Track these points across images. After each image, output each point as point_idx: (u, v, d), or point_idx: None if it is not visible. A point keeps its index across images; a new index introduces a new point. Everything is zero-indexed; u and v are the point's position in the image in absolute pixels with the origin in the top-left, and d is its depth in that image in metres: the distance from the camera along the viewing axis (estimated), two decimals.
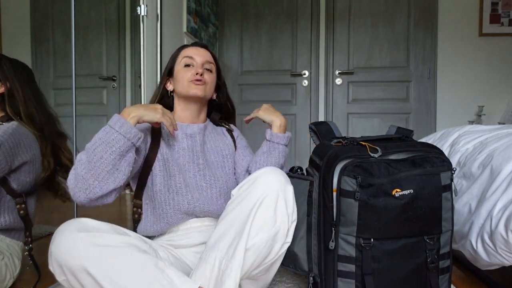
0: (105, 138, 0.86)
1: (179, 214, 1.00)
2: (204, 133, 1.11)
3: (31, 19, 1.79)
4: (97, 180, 0.84)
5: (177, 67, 1.10)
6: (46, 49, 1.84)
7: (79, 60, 1.45)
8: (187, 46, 1.14)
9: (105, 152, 0.85)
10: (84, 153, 0.86)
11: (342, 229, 0.89)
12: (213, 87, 1.13)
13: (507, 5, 2.92)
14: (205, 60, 1.10)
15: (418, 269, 0.90)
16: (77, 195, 0.85)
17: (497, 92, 2.94)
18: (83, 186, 0.84)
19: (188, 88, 1.06)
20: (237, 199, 0.85)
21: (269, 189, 0.82)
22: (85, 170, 0.84)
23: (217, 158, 1.10)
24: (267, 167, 0.88)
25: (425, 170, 0.88)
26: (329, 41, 3.07)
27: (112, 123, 0.87)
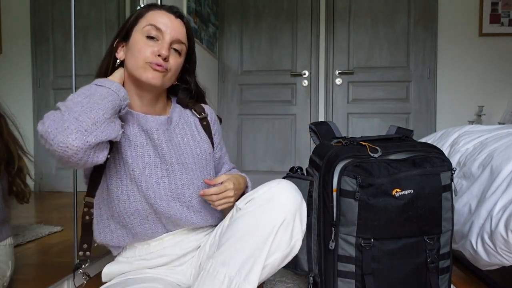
0: (96, 91, 0.71)
1: (146, 225, 0.85)
2: (167, 128, 0.88)
3: (31, 19, 1.79)
4: (95, 124, 0.67)
5: (136, 33, 0.83)
6: (46, 49, 1.84)
7: (79, 60, 1.45)
8: (158, 8, 0.86)
9: (102, 100, 0.70)
10: (70, 103, 0.69)
11: (342, 229, 0.89)
12: (177, 74, 0.88)
13: (507, 5, 2.92)
14: (176, 38, 0.83)
15: (418, 269, 0.90)
16: (72, 137, 0.64)
17: (497, 92, 2.94)
18: (80, 127, 0.65)
19: (142, 71, 0.80)
20: (251, 215, 0.77)
21: (288, 210, 0.76)
22: (80, 112, 0.66)
23: (187, 160, 0.88)
24: (281, 181, 0.80)
25: (425, 170, 0.88)
26: (329, 41, 3.07)
27: (99, 82, 0.74)
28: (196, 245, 0.92)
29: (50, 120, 0.67)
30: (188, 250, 0.90)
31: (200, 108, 0.96)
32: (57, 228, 1.58)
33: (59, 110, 0.69)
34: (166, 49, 0.81)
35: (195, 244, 0.91)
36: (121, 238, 0.87)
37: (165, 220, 0.87)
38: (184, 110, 0.95)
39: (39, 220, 1.67)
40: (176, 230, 0.90)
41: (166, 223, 0.87)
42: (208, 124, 0.96)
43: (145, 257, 0.89)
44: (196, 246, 0.92)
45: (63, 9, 1.51)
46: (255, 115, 3.11)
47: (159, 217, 0.86)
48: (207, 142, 0.94)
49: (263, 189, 0.80)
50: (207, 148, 0.94)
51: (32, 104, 1.77)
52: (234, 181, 0.87)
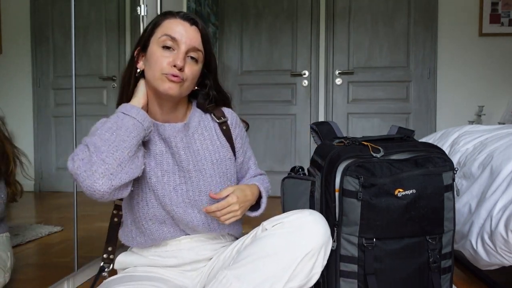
0: (122, 124, 0.75)
1: (165, 228, 0.86)
2: (185, 134, 0.88)
3: (31, 19, 1.78)
4: (120, 165, 0.72)
5: (153, 44, 0.84)
6: (46, 49, 1.83)
7: (79, 60, 1.44)
8: (173, 16, 0.85)
9: (127, 136, 0.74)
10: (98, 139, 0.73)
11: (344, 229, 0.89)
12: (195, 81, 0.88)
13: (507, 5, 2.92)
14: (192, 46, 0.83)
15: (420, 269, 0.90)
16: (99, 182, 0.70)
17: (497, 92, 2.94)
18: (106, 171, 0.70)
19: (160, 82, 0.82)
20: (277, 238, 0.76)
21: (316, 243, 0.76)
22: (106, 153, 0.71)
23: (204, 166, 0.88)
24: (313, 213, 0.80)
25: (427, 170, 0.88)
26: (329, 41, 3.07)
27: (126, 110, 0.78)
28: (211, 255, 0.91)
29: (79, 159, 0.72)
30: (203, 257, 0.90)
31: (220, 113, 0.95)
32: (57, 228, 1.58)
33: (87, 149, 0.73)
34: (181, 59, 0.82)
35: (210, 254, 0.91)
36: (142, 243, 0.89)
37: (183, 226, 0.88)
38: (204, 115, 0.95)
39: (39, 220, 1.67)
40: (194, 235, 0.90)
41: (184, 228, 0.88)
42: (228, 128, 0.95)
43: (160, 254, 0.89)
44: (211, 255, 0.91)
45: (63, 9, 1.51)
46: (255, 115, 3.10)
47: (176, 223, 0.87)
48: (226, 147, 0.93)
49: (293, 216, 0.79)
50: (227, 153, 0.93)
51: (32, 104, 1.77)
52: (238, 194, 0.85)
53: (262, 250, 0.75)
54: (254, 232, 0.85)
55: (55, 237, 1.54)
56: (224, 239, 0.95)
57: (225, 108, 0.97)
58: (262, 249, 0.76)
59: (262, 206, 0.93)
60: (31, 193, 1.78)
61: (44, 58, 1.79)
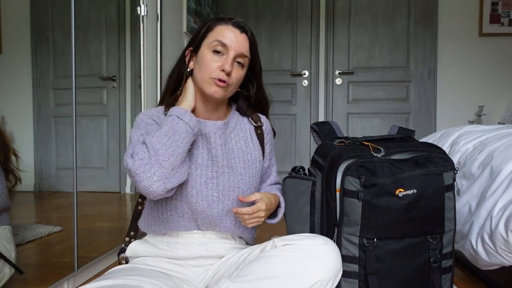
0: (177, 128, 0.81)
1: (181, 222, 0.89)
2: (223, 132, 0.94)
3: (31, 19, 1.78)
4: (173, 170, 0.78)
5: (204, 48, 0.90)
6: (46, 49, 1.83)
7: (79, 60, 1.44)
8: (225, 22, 0.91)
9: (181, 142, 0.80)
10: (156, 141, 0.79)
11: (345, 229, 0.89)
12: (238, 85, 0.94)
13: (507, 5, 2.92)
14: (240, 53, 0.89)
15: (421, 269, 0.90)
16: (156, 185, 0.76)
17: (497, 92, 2.94)
18: (162, 175, 0.77)
19: (207, 85, 0.88)
20: (286, 260, 0.76)
21: (326, 273, 0.75)
22: (163, 157, 0.77)
23: (237, 164, 0.93)
24: (328, 241, 0.79)
25: (428, 170, 0.88)
26: (329, 41, 3.07)
27: (180, 115, 0.83)
28: (220, 254, 0.91)
29: (139, 159, 0.78)
30: (211, 254, 0.90)
31: (257, 117, 1.01)
32: (57, 228, 1.57)
33: (146, 149, 0.79)
34: (230, 65, 0.88)
35: (220, 252, 0.91)
36: (155, 231, 0.92)
37: (201, 221, 0.89)
38: (242, 117, 1.01)
39: (39, 220, 1.67)
40: (206, 231, 0.92)
41: (201, 223, 0.90)
42: (262, 133, 1.00)
43: (170, 245, 0.91)
44: (220, 254, 0.92)
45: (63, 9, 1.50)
46: None
47: (195, 217, 0.89)
48: (258, 150, 0.98)
49: (307, 240, 0.79)
50: (258, 155, 0.98)
51: (32, 104, 1.76)
52: (266, 202, 0.89)
53: (269, 270, 0.75)
54: (263, 246, 0.85)
55: (55, 237, 1.54)
56: (234, 240, 0.95)
57: (260, 115, 1.03)
58: (269, 269, 0.75)
59: (279, 215, 0.96)
60: (31, 193, 1.78)
61: (44, 58, 1.79)
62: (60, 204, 1.76)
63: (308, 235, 0.83)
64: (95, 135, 1.90)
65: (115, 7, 2.04)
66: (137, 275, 0.81)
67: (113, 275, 0.81)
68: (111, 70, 2.02)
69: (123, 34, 2.06)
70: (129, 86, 2.07)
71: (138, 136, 0.86)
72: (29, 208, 1.83)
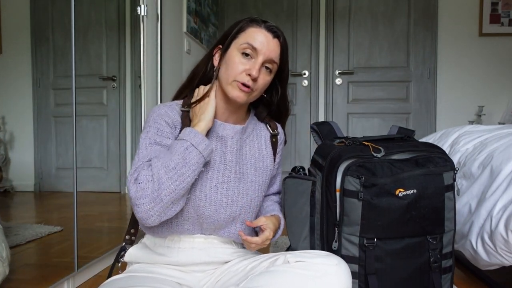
0: (189, 160, 0.77)
1: (185, 225, 0.87)
2: (240, 137, 0.91)
3: (31, 19, 1.78)
4: (173, 203, 0.77)
5: (234, 48, 0.86)
6: (46, 49, 1.84)
7: (79, 60, 1.44)
8: (258, 25, 0.87)
9: (188, 176, 0.77)
10: (164, 172, 0.76)
11: (345, 229, 0.89)
12: (262, 91, 0.90)
13: (507, 5, 2.93)
14: (269, 58, 0.85)
15: (421, 269, 0.90)
16: (151, 219, 0.76)
17: (497, 92, 2.94)
18: (160, 210, 0.76)
19: (230, 88, 0.85)
20: (296, 278, 0.74)
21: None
22: (166, 192, 0.75)
23: (248, 171, 0.91)
24: (341, 263, 0.78)
25: (428, 170, 0.88)
26: (329, 41, 3.07)
27: (196, 143, 0.79)
28: (222, 259, 0.90)
29: (141, 189, 0.76)
30: (213, 259, 0.89)
31: (274, 125, 1.00)
32: (57, 228, 1.58)
33: (151, 178, 0.76)
34: (257, 70, 0.84)
35: (222, 258, 0.90)
36: (157, 232, 0.89)
37: (206, 226, 0.87)
38: (259, 123, 0.98)
39: (39, 220, 1.67)
40: (208, 235, 0.90)
41: (206, 228, 0.88)
42: (276, 141, 0.99)
43: (172, 251, 0.88)
44: (222, 260, 0.90)
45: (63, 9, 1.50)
46: None
47: (201, 222, 0.87)
48: (271, 158, 0.97)
49: (319, 259, 0.77)
50: (269, 164, 0.96)
51: (32, 104, 1.77)
52: (273, 229, 0.89)
53: (280, 285, 0.74)
54: (274, 258, 0.83)
55: (55, 237, 1.54)
56: (236, 245, 0.94)
57: (278, 123, 1.01)
58: (281, 285, 0.74)
59: (279, 232, 0.95)
60: (31, 193, 1.78)
61: (44, 58, 1.79)
62: (60, 204, 1.77)
63: (321, 253, 0.81)
64: (95, 135, 1.90)
65: (115, 7, 2.04)
66: (134, 285, 0.79)
67: (109, 286, 0.79)
68: (111, 70, 2.02)
69: (123, 34, 2.06)
70: (129, 86, 2.07)
71: (147, 145, 0.83)
72: (29, 208, 1.83)
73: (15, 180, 1.73)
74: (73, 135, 1.38)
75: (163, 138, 0.84)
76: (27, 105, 1.75)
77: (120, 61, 2.06)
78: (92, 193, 1.82)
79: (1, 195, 1.64)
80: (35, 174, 1.75)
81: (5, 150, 1.69)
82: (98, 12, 1.93)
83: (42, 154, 1.78)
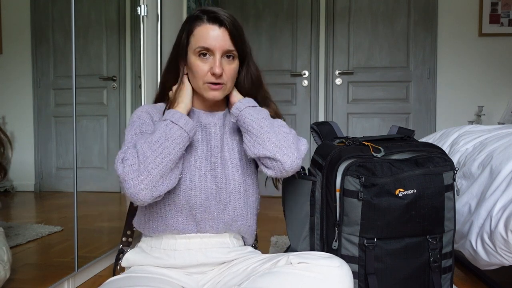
0: (170, 134, 0.80)
1: (179, 217, 0.87)
2: (222, 123, 0.94)
3: (31, 19, 1.78)
4: (162, 177, 0.78)
5: (191, 55, 0.89)
6: (46, 49, 1.83)
7: (79, 60, 1.44)
8: (201, 21, 0.89)
9: (173, 149, 0.79)
10: (147, 147, 0.78)
11: (345, 229, 0.89)
12: (235, 78, 0.92)
13: (507, 5, 2.93)
14: (225, 50, 0.87)
15: (421, 269, 0.90)
16: (142, 193, 0.77)
17: (497, 92, 2.95)
18: (150, 183, 0.77)
19: (203, 91, 0.89)
20: (299, 281, 0.74)
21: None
22: (152, 165, 0.77)
23: (232, 156, 0.92)
24: (343, 266, 0.78)
25: (428, 170, 0.88)
26: (329, 41, 3.07)
27: (176, 119, 0.82)
28: (219, 260, 0.90)
29: (128, 165, 0.78)
30: (211, 260, 0.89)
31: None
32: (57, 228, 1.57)
33: (136, 155, 0.78)
34: (219, 66, 0.86)
35: (219, 258, 0.90)
36: (153, 228, 0.89)
37: (200, 216, 0.88)
38: None
39: (39, 220, 1.67)
40: (204, 234, 0.90)
41: (199, 220, 0.88)
42: None
43: (168, 253, 0.88)
44: (219, 261, 0.90)
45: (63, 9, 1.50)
46: None
47: (193, 214, 0.88)
48: None
49: (322, 261, 0.77)
50: None
51: (32, 104, 1.76)
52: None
53: (282, 287, 0.74)
54: (276, 259, 0.83)
55: (55, 237, 1.54)
56: (232, 244, 0.93)
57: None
58: (283, 286, 0.74)
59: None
60: (31, 193, 1.78)
61: (44, 58, 1.79)
62: (60, 204, 1.77)
63: (323, 254, 0.81)
64: (95, 135, 1.90)
65: (115, 7, 2.04)
66: (134, 285, 0.79)
67: (109, 286, 0.80)
68: (111, 70, 2.02)
69: (123, 34, 2.06)
70: (129, 86, 2.07)
71: (132, 135, 0.85)
72: (29, 208, 1.83)
73: (15, 180, 1.73)
74: (74, 135, 1.38)
75: (148, 128, 0.87)
76: (27, 105, 1.75)
77: (120, 61, 2.06)
78: (92, 193, 1.82)
79: (1, 195, 1.64)
80: (35, 174, 1.75)
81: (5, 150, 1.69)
82: (98, 12, 1.93)
83: (42, 154, 1.78)
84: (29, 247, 1.42)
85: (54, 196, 1.80)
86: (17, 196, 1.72)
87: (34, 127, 1.76)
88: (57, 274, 1.27)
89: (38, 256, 1.47)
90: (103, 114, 1.98)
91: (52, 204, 1.83)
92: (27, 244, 1.42)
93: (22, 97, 1.75)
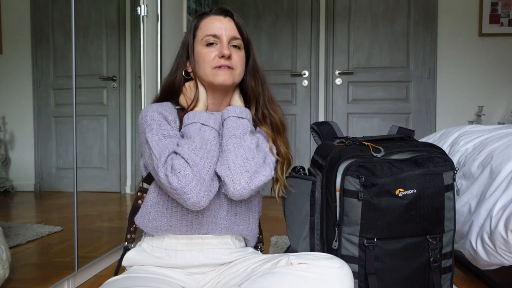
0: (206, 137, 0.82)
1: (184, 220, 0.87)
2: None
3: (31, 19, 1.78)
4: (212, 179, 0.81)
5: (197, 46, 0.91)
6: (46, 49, 1.83)
7: (79, 60, 1.44)
8: (207, 15, 0.92)
9: (214, 150, 0.82)
10: (194, 155, 0.79)
11: (345, 229, 0.89)
12: (243, 68, 0.93)
13: (507, 5, 2.93)
14: (232, 36, 0.89)
15: (421, 269, 0.90)
16: (204, 200, 0.78)
17: (497, 92, 2.95)
18: (207, 189, 0.79)
19: (212, 77, 0.88)
20: (299, 281, 0.74)
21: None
22: (204, 171, 0.79)
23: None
24: (344, 266, 0.77)
25: (428, 170, 0.88)
26: (329, 41, 3.07)
27: (204, 121, 0.84)
28: (220, 261, 0.90)
29: (183, 176, 0.77)
30: (211, 261, 0.89)
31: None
32: (57, 228, 1.58)
33: (186, 164, 0.78)
34: (227, 48, 0.88)
35: (220, 259, 0.90)
36: (156, 227, 0.89)
37: (205, 220, 0.87)
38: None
39: (39, 220, 1.67)
40: (205, 235, 0.90)
41: (205, 223, 0.88)
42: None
43: (169, 253, 0.88)
44: (220, 261, 0.90)
45: (63, 9, 1.51)
46: None
47: (198, 217, 0.87)
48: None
49: (322, 261, 0.77)
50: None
51: (32, 104, 1.76)
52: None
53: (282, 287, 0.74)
54: (276, 260, 0.83)
55: (55, 237, 1.54)
56: (233, 245, 0.93)
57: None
58: (283, 286, 0.74)
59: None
60: (31, 193, 1.78)
61: (44, 58, 1.79)
62: (60, 204, 1.77)
63: (324, 255, 0.81)
64: (95, 135, 1.90)
65: (115, 7, 2.04)
66: (134, 285, 0.79)
67: (109, 286, 0.80)
68: (111, 70, 2.02)
69: (123, 34, 2.06)
70: (129, 86, 2.07)
71: (156, 140, 0.83)
72: (29, 208, 1.83)
73: (15, 180, 1.73)
74: (74, 135, 1.38)
75: (168, 130, 0.86)
76: (27, 105, 1.75)
77: (120, 61, 2.06)
78: (92, 193, 1.82)
79: (1, 195, 1.64)
80: (35, 174, 1.75)
81: (5, 150, 1.69)
82: (98, 12, 1.93)
83: (42, 154, 1.78)
84: (29, 247, 1.42)
85: (54, 196, 1.81)
86: (17, 196, 1.72)
87: (34, 127, 1.76)
88: (57, 274, 1.27)
89: (38, 256, 1.48)
90: (103, 114, 1.98)
91: (52, 204, 1.83)
92: (27, 244, 1.42)
93: (22, 97, 1.75)
